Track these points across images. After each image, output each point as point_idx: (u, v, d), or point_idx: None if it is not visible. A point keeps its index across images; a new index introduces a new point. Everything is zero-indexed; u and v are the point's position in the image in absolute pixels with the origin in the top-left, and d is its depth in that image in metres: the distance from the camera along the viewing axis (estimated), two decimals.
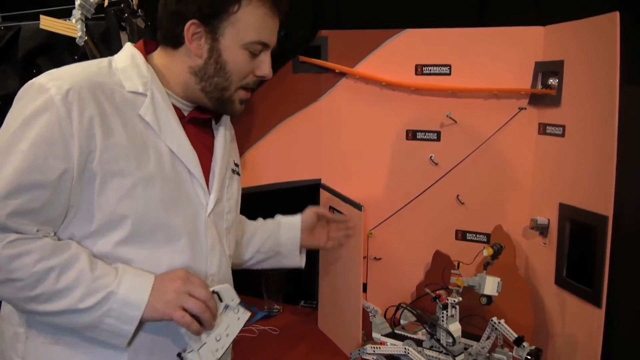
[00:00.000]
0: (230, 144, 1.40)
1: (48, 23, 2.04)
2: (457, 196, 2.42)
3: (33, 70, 2.16)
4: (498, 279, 1.87)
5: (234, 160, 1.41)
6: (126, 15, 1.29)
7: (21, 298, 1.07)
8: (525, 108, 2.27)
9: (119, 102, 1.14)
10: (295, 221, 1.65)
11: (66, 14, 2.08)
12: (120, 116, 1.13)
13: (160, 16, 1.24)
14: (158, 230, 1.17)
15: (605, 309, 1.82)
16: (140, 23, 1.95)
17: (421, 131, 2.47)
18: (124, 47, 1.26)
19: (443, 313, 1.90)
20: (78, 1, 2.00)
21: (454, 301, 1.91)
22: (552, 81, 2.16)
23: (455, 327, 1.91)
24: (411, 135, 2.49)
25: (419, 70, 2.43)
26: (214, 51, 1.19)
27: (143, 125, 1.17)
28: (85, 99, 1.09)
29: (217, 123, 1.36)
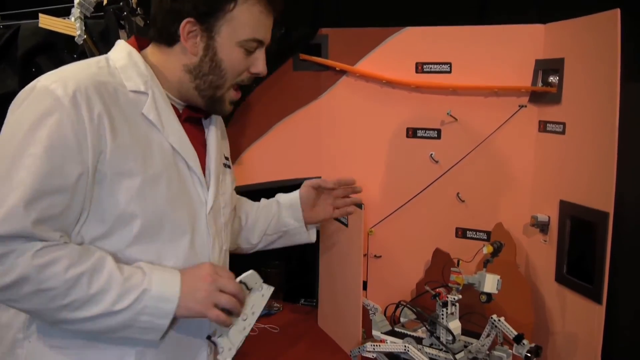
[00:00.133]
0: (221, 141, 1.40)
1: (47, 21, 2.03)
2: (458, 194, 2.42)
3: (32, 69, 2.16)
4: (498, 277, 1.87)
5: (224, 154, 1.42)
6: (125, 13, 1.29)
7: (53, 308, 1.04)
8: (525, 106, 2.26)
9: (122, 102, 1.14)
10: (294, 199, 1.60)
11: (65, 13, 2.08)
12: (124, 116, 1.13)
13: (154, 14, 1.23)
14: (164, 227, 1.17)
15: (605, 306, 1.82)
16: (139, 21, 1.95)
17: (421, 129, 2.47)
18: (118, 45, 1.25)
19: (443, 311, 1.90)
20: (77, 0, 2.00)
21: (454, 299, 1.91)
22: (553, 79, 2.16)
23: (455, 325, 1.91)
24: (411, 133, 2.49)
25: (420, 68, 2.43)
26: (210, 49, 1.19)
27: (146, 123, 1.17)
28: (92, 99, 1.08)
29: (207, 119, 1.36)
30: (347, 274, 2.33)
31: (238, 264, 1.51)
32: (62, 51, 2.17)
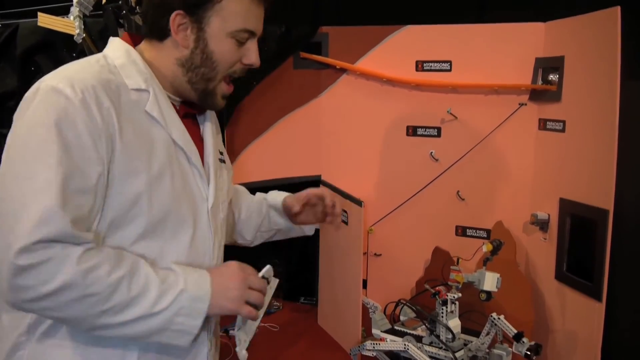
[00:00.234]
0: (216, 136, 1.40)
1: (46, 20, 2.03)
2: (458, 192, 2.42)
3: (31, 67, 2.15)
4: (497, 275, 1.87)
5: (219, 149, 1.41)
6: (124, 12, 1.28)
7: (94, 314, 1.03)
8: (525, 104, 2.26)
9: (125, 100, 1.13)
10: (278, 205, 1.57)
11: (64, 12, 2.08)
12: (128, 114, 1.12)
13: (145, 9, 1.22)
14: (167, 224, 1.17)
15: (605, 303, 1.82)
16: (138, 20, 1.95)
17: (421, 127, 2.46)
18: (114, 43, 1.23)
19: (442, 309, 1.90)
20: None
21: (454, 297, 1.90)
22: (553, 77, 2.15)
23: (454, 323, 1.91)
24: (411, 131, 2.49)
25: (420, 66, 2.43)
26: (200, 41, 1.18)
27: (149, 121, 1.16)
28: (100, 98, 1.07)
29: (202, 115, 1.36)
30: (347, 273, 2.33)
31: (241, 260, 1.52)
32: (61, 50, 2.17)
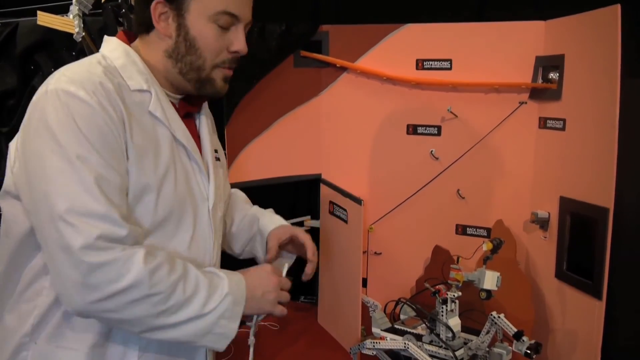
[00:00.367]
0: (212, 135, 1.39)
1: (45, 19, 2.03)
2: (458, 190, 2.42)
3: (31, 66, 2.15)
4: (497, 274, 1.87)
5: (215, 147, 1.41)
6: (123, 10, 1.27)
7: (153, 314, 1.04)
8: (525, 102, 2.26)
9: (129, 101, 1.13)
10: (264, 234, 1.55)
11: (64, 10, 2.08)
12: (134, 115, 1.13)
13: (135, 5, 1.22)
14: (169, 223, 1.17)
15: (605, 301, 1.82)
16: None
17: (422, 125, 2.46)
18: (111, 43, 1.21)
19: (442, 308, 1.90)
20: None
21: (454, 296, 1.90)
22: (553, 75, 2.15)
23: (454, 322, 1.91)
24: (412, 129, 2.48)
25: (420, 64, 2.42)
26: (182, 28, 1.16)
27: (152, 121, 1.16)
28: (111, 99, 1.07)
29: (198, 114, 1.35)
30: (347, 271, 2.33)
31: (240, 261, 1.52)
32: (61, 49, 2.17)
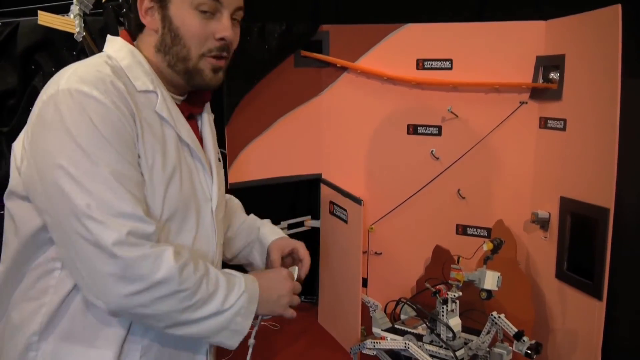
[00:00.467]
0: (213, 136, 1.39)
1: (46, 19, 2.03)
2: (458, 190, 2.42)
3: (32, 66, 2.15)
4: (498, 274, 1.86)
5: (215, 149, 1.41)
6: (124, 10, 1.26)
7: (179, 309, 1.07)
8: (526, 102, 2.26)
9: (136, 102, 1.14)
10: (265, 245, 1.56)
11: (64, 10, 2.07)
12: (143, 115, 1.13)
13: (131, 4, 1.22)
14: (173, 223, 1.17)
15: (606, 302, 1.82)
16: None
17: (422, 125, 2.46)
18: (116, 43, 1.21)
19: (443, 308, 1.89)
20: None
21: (454, 296, 1.90)
22: (553, 75, 2.15)
23: (455, 322, 1.91)
24: (412, 129, 2.48)
25: (420, 64, 2.42)
26: (166, 20, 1.16)
27: (159, 121, 1.17)
28: (123, 99, 1.08)
29: (200, 115, 1.35)
30: (347, 271, 2.33)
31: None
32: (62, 48, 2.16)
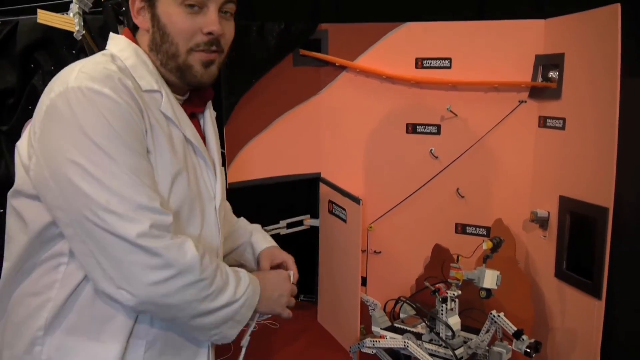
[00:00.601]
0: (216, 135, 1.40)
1: (45, 17, 2.02)
2: (457, 189, 2.42)
3: (31, 65, 2.14)
4: (497, 273, 1.87)
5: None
6: (124, 9, 1.26)
7: (199, 299, 1.09)
8: (525, 101, 2.26)
9: (143, 100, 1.14)
10: (256, 251, 1.58)
11: (64, 8, 2.07)
12: (150, 114, 1.13)
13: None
14: (178, 221, 1.17)
15: (605, 301, 1.82)
16: None
17: (421, 124, 2.46)
18: (120, 41, 1.21)
19: (442, 306, 1.90)
20: None
21: (454, 294, 1.90)
22: (553, 74, 2.15)
23: (454, 321, 1.91)
24: (411, 128, 2.48)
25: (419, 63, 2.42)
26: (155, 18, 1.17)
27: (165, 120, 1.17)
28: (131, 96, 1.09)
29: (202, 115, 1.35)
30: (346, 270, 2.33)
31: None
32: (61, 47, 2.16)
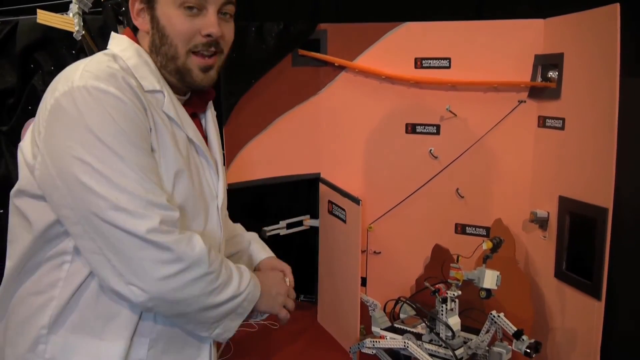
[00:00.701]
0: (217, 135, 1.40)
1: (45, 17, 2.02)
2: (457, 190, 2.42)
3: (31, 65, 2.14)
4: (497, 273, 1.87)
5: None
6: (124, 9, 1.26)
7: (206, 292, 1.10)
8: (525, 101, 2.26)
9: (146, 100, 1.14)
10: (255, 261, 1.59)
11: (64, 8, 2.07)
12: (154, 113, 1.14)
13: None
14: (183, 219, 1.17)
15: (605, 302, 1.82)
16: None
17: (421, 124, 2.46)
18: (122, 41, 1.21)
19: (442, 307, 1.90)
20: None
21: (453, 295, 1.90)
22: (552, 74, 2.15)
23: (454, 321, 1.91)
24: (410, 128, 2.48)
25: (419, 63, 2.42)
26: (154, 20, 1.17)
27: (167, 120, 1.17)
28: (135, 95, 1.09)
29: (203, 115, 1.36)
30: (346, 270, 2.33)
31: None
32: (61, 47, 2.16)
